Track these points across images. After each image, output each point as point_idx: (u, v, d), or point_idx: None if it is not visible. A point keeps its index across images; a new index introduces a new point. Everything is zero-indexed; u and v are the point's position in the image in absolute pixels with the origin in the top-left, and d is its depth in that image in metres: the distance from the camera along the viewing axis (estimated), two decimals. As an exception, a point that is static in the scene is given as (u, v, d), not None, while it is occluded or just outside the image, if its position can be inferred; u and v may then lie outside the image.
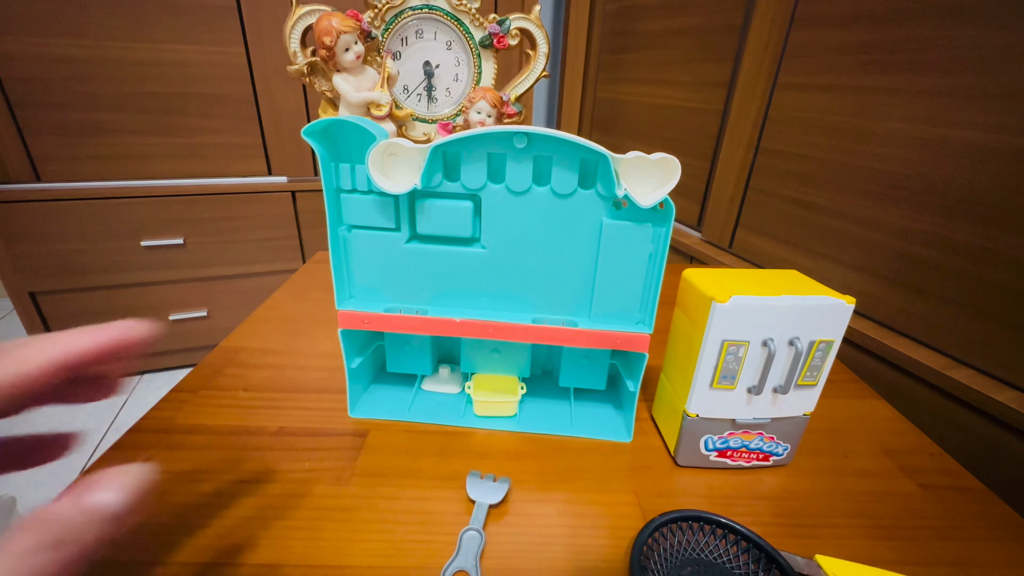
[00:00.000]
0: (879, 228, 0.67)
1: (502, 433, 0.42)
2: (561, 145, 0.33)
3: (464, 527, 0.32)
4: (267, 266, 1.40)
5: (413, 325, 0.38)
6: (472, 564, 0.30)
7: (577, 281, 0.38)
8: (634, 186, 0.34)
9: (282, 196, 1.34)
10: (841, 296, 0.33)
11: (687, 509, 0.33)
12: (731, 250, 0.98)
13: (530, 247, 0.37)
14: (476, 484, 0.35)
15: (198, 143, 1.24)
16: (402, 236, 0.37)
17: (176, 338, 1.40)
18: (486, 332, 0.38)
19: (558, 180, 0.35)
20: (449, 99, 0.47)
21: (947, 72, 0.58)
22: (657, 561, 0.30)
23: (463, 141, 0.34)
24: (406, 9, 0.42)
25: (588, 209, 0.36)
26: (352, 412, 0.42)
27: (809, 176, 0.78)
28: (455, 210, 0.36)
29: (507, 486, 0.35)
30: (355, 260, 0.38)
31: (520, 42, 0.45)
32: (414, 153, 0.34)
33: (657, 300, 0.37)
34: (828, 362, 0.35)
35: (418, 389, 0.46)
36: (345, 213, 0.37)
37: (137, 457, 0.37)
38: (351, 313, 0.38)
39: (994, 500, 0.37)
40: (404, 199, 0.36)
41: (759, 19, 0.85)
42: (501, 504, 0.34)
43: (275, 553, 0.30)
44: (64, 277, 1.22)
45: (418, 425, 0.42)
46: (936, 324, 0.61)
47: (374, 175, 0.34)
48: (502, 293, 0.39)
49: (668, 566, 0.31)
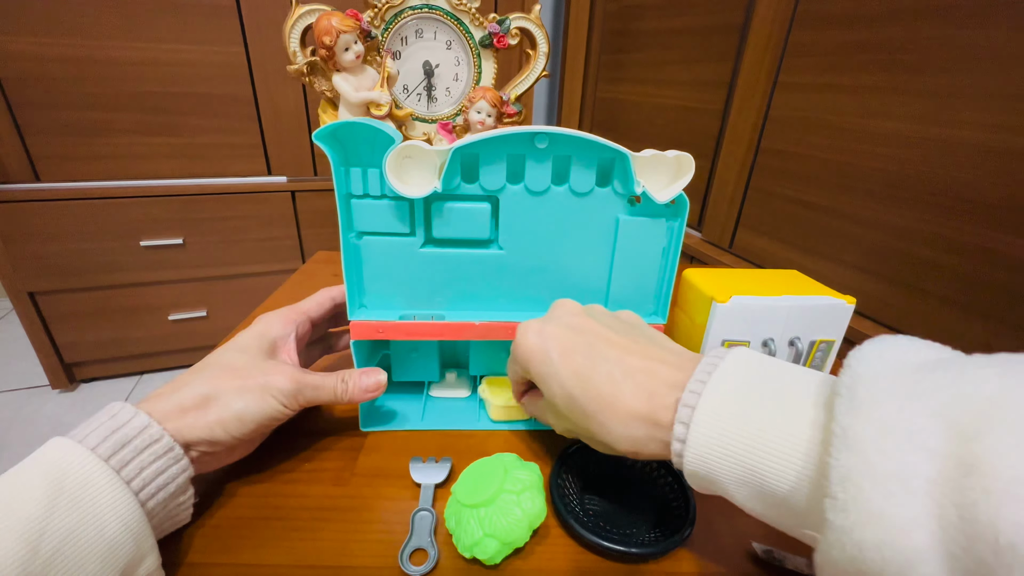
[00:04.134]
0: (879, 228, 0.67)
1: (506, 431, 0.42)
2: (582, 145, 0.34)
3: (415, 509, 0.33)
4: (267, 266, 1.40)
5: (431, 331, 0.38)
6: (428, 541, 0.31)
7: (593, 277, 0.38)
8: (650, 183, 0.34)
9: (282, 196, 1.34)
10: (841, 296, 0.33)
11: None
12: (731, 250, 0.98)
13: (547, 246, 0.37)
14: (419, 468, 0.36)
15: (198, 143, 1.24)
16: (417, 241, 0.37)
17: (176, 338, 1.40)
18: (505, 334, 0.38)
19: (577, 179, 0.35)
20: (449, 99, 0.47)
21: (947, 72, 0.58)
22: (572, 477, 0.35)
23: (483, 143, 0.33)
24: (406, 9, 0.41)
25: (605, 207, 0.36)
26: (364, 426, 0.42)
27: (809, 176, 0.78)
28: (473, 212, 0.36)
29: (449, 465, 0.37)
30: (367, 267, 0.37)
31: (520, 42, 0.45)
32: (431, 155, 0.33)
33: (671, 292, 0.37)
34: (828, 362, 0.35)
35: (427, 396, 0.46)
36: (357, 219, 0.36)
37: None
38: (364, 323, 0.37)
39: (994, 500, 0.37)
40: (419, 203, 0.36)
41: (759, 19, 0.85)
42: (446, 483, 0.36)
43: (275, 553, 0.30)
44: (64, 277, 1.22)
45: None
46: (936, 324, 0.61)
47: (391, 179, 0.33)
48: (519, 293, 0.39)
49: (582, 480, 0.36)
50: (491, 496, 0.30)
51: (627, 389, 0.26)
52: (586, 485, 0.36)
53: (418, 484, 0.35)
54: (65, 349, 1.31)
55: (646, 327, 0.33)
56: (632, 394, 0.26)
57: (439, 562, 0.30)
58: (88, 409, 1.32)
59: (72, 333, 1.30)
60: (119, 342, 1.36)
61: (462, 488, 0.32)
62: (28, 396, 1.35)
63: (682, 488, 0.33)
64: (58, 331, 1.28)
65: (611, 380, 0.27)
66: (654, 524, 0.33)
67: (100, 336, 1.33)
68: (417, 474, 0.36)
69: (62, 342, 1.30)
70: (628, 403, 0.26)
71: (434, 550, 0.30)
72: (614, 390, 0.27)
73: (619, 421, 0.26)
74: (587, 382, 0.28)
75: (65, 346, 1.31)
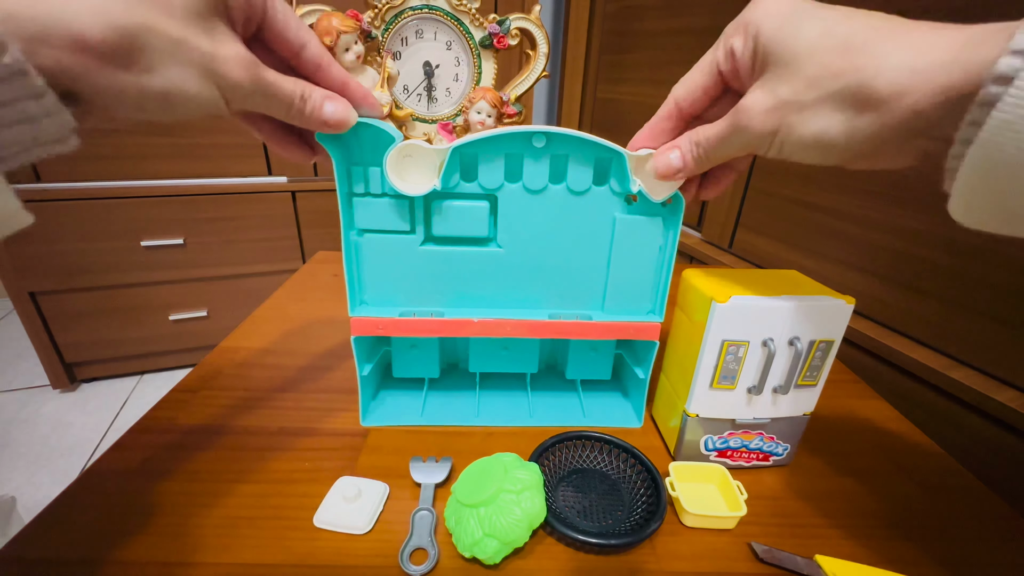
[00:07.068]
0: (879, 228, 0.67)
1: (506, 429, 0.42)
2: (579, 144, 0.34)
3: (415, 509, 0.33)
4: (267, 266, 1.40)
5: (430, 328, 0.38)
6: (428, 541, 0.31)
7: (590, 275, 0.39)
8: (646, 182, 0.34)
9: (282, 196, 1.34)
10: (841, 296, 0.33)
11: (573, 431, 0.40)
12: (731, 250, 0.98)
13: (545, 244, 0.38)
14: (419, 467, 0.36)
15: (199, 143, 1.24)
16: (417, 238, 0.37)
17: (176, 338, 1.40)
18: (503, 330, 0.39)
19: (574, 178, 0.35)
20: (449, 99, 0.47)
21: (947, 72, 0.58)
22: (548, 472, 0.36)
23: (482, 142, 0.34)
24: (406, 9, 0.42)
25: (602, 205, 0.36)
26: (364, 421, 0.42)
27: (809, 176, 0.78)
28: (472, 210, 0.36)
29: (449, 465, 0.37)
30: (368, 264, 0.38)
31: (520, 42, 0.45)
32: (431, 154, 0.34)
33: (668, 290, 0.38)
34: (828, 362, 0.35)
35: (427, 392, 0.46)
36: (358, 217, 0.36)
37: (137, 457, 0.37)
38: (364, 319, 0.38)
39: (994, 500, 0.37)
40: (419, 201, 0.36)
41: (759, 19, 0.84)
42: (446, 483, 0.36)
43: (275, 553, 0.30)
44: (64, 277, 1.22)
45: (419, 426, 0.42)
46: (936, 324, 0.61)
47: (391, 178, 0.33)
48: (517, 291, 0.39)
49: (557, 476, 0.37)
50: (491, 496, 0.30)
51: (919, 27, 0.20)
52: (560, 480, 0.37)
53: (418, 484, 0.35)
54: (66, 349, 1.31)
55: None
56: (929, 29, 0.20)
57: (439, 562, 0.30)
58: (89, 409, 1.32)
59: (73, 333, 1.30)
60: (119, 342, 1.36)
61: (462, 488, 0.32)
62: (29, 396, 1.35)
63: (652, 480, 0.36)
64: (59, 331, 1.28)
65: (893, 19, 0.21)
66: (627, 515, 0.34)
67: (101, 336, 1.33)
68: (417, 474, 0.36)
69: (63, 342, 1.30)
70: (922, 33, 0.20)
71: (434, 550, 0.30)
72: (898, 23, 0.21)
73: (905, 46, 0.20)
74: (856, 17, 0.22)
75: (66, 346, 1.31)
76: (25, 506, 0.94)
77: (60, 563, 0.29)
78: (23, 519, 0.82)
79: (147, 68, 0.20)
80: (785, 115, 0.23)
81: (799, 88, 0.22)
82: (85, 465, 1.14)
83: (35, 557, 0.30)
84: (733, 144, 0.26)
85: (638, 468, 0.37)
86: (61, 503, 0.33)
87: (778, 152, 0.25)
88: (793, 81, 0.23)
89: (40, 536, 0.31)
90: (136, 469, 0.36)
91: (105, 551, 0.30)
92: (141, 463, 0.37)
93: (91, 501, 0.34)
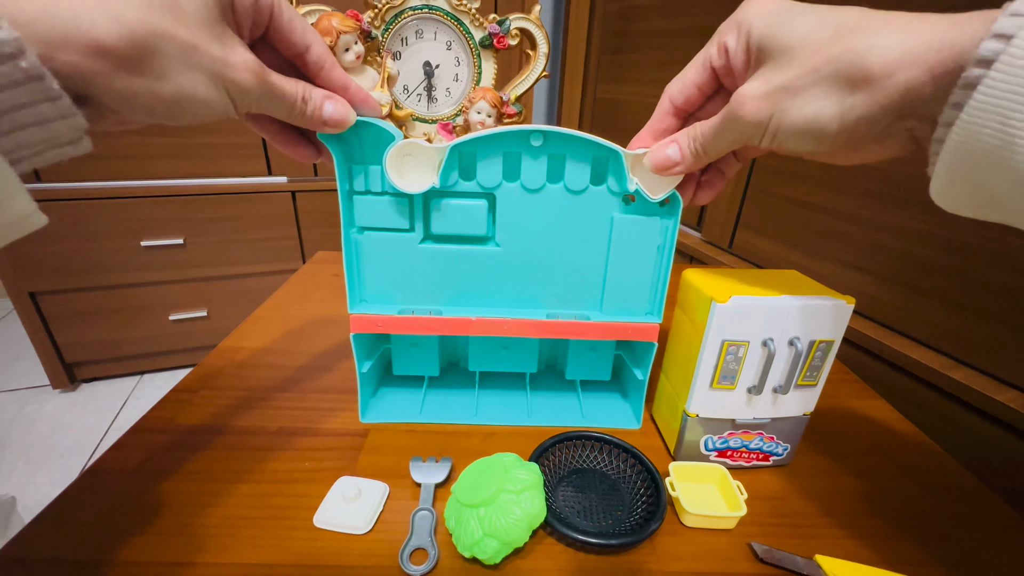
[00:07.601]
0: (879, 228, 0.67)
1: (506, 429, 0.42)
2: (576, 143, 0.34)
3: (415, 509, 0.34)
4: (267, 266, 1.40)
5: (428, 326, 0.39)
6: (428, 541, 0.31)
7: (589, 275, 0.39)
8: (644, 181, 0.34)
9: (282, 196, 1.34)
10: (841, 296, 0.33)
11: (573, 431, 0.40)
12: (731, 250, 0.98)
13: (543, 243, 0.38)
14: (419, 467, 0.37)
15: (198, 143, 1.24)
16: (416, 236, 0.37)
17: (176, 338, 1.40)
18: (502, 329, 0.39)
19: (571, 177, 0.35)
20: (449, 99, 0.47)
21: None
22: (548, 472, 0.36)
23: (480, 140, 0.34)
24: (406, 9, 0.42)
25: (599, 205, 0.36)
26: (363, 418, 0.42)
27: (809, 176, 0.78)
28: (470, 209, 0.36)
29: (449, 465, 0.37)
30: (368, 262, 0.38)
31: (520, 42, 0.45)
32: (430, 153, 0.34)
33: (666, 290, 0.38)
34: (828, 362, 0.35)
35: (427, 390, 0.46)
36: (358, 215, 0.37)
37: (137, 457, 0.37)
38: (364, 316, 0.38)
39: (994, 500, 0.37)
40: (418, 199, 0.36)
41: (759, 19, 0.84)
42: (446, 483, 0.36)
43: (275, 553, 0.30)
44: (64, 277, 1.22)
45: (419, 425, 0.42)
46: (936, 324, 0.61)
47: (391, 175, 0.34)
48: (515, 290, 0.39)
49: (557, 476, 0.37)
50: (491, 496, 0.30)
51: (910, 15, 0.21)
52: (560, 480, 0.37)
53: (418, 484, 0.36)
54: (66, 349, 1.31)
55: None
56: (919, 16, 0.21)
57: (439, 562, 0.30)
58: (88, 409, 1.32)
59: (72, 333, 1.30)
60: (119, 342, 1.36)
61: (462, 488, 0.32)
62: (29, 396, 1.35)
63: (652, 480, 0.36)
64: (59, 331, 1.28)
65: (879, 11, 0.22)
66: (627, 515, 0.35)
67: (100, 336, 1.33)
68: (417, 474, 0.36)
69: (63, 342, 1.30)
70: (913, 17, 0.21)
71: (434, 550, 0.30)
72: (889, 12, 0.21)
73: (896, 28, 0.20)
74: (846, 9, 0.22)
75: (66, 346, 1.31)
76: (25, 506, 0.94)
77: (60, 563, 0.29)
78: (23, 519, 0.82)
79: (160, 73, 0.21)
80: (779, 100, 0.24)
81: (793, 75, 0.23)
82: (85, 465, 1.14)
83: (35, 557, 0.30)
84: (729, 134, 0.27)
85: (638, 468, 0.37)
86: (61, 503, 0.33)
87: (771, 141, 0.25)
88: (787, 69, 0.23)
89: (40, 536, 0.31)
90: (136, 469, 0.36)
91: (105, 551, 0.30)
92: (141, 463, 0.37)
93: (91, 501, 0.34)
